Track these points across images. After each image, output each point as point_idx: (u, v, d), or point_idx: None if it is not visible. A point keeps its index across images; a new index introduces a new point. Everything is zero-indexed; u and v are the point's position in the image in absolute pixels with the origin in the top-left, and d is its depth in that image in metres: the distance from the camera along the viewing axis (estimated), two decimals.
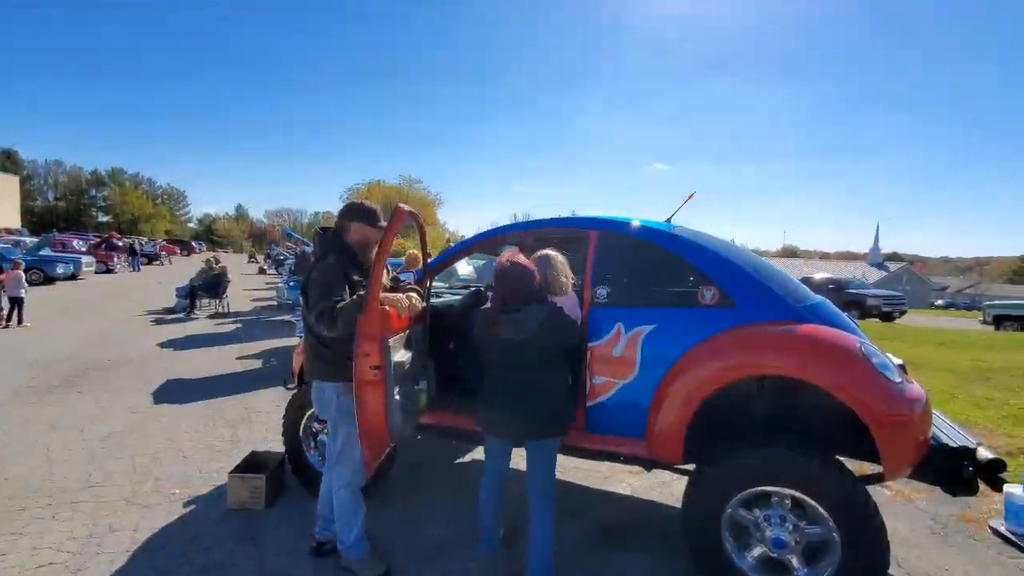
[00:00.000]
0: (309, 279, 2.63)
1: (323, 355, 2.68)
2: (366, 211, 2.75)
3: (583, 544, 3.09)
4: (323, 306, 2.51)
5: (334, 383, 2.68)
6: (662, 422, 2.68)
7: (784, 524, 2.43)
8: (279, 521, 3.24)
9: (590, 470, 4.09)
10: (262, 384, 6.35)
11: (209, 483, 3.73)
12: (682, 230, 3.08)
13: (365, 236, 2.74)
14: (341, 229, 2.75)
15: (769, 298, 2.67)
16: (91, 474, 3.82)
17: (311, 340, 2.72)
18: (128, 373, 6.68)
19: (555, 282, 2.83)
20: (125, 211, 65.64)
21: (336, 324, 2.50)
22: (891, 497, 3.75)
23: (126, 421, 4.93)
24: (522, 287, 2.51)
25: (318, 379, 2.73)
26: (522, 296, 2.51)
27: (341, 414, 2.69)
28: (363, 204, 2.79)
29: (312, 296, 2.57)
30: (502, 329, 2.49)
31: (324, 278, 2.56)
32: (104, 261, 22.60)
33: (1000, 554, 3.08)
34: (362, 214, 2.74)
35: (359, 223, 2.73)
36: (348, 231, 2.74)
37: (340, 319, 2.49)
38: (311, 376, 2.77)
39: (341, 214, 2.79)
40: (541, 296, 2.58)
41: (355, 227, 2.73)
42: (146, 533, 3.08)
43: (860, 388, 2.31)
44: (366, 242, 2.76)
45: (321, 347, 2.68)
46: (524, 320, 2.47)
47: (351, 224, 2.73)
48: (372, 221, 2.74)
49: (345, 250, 2.71)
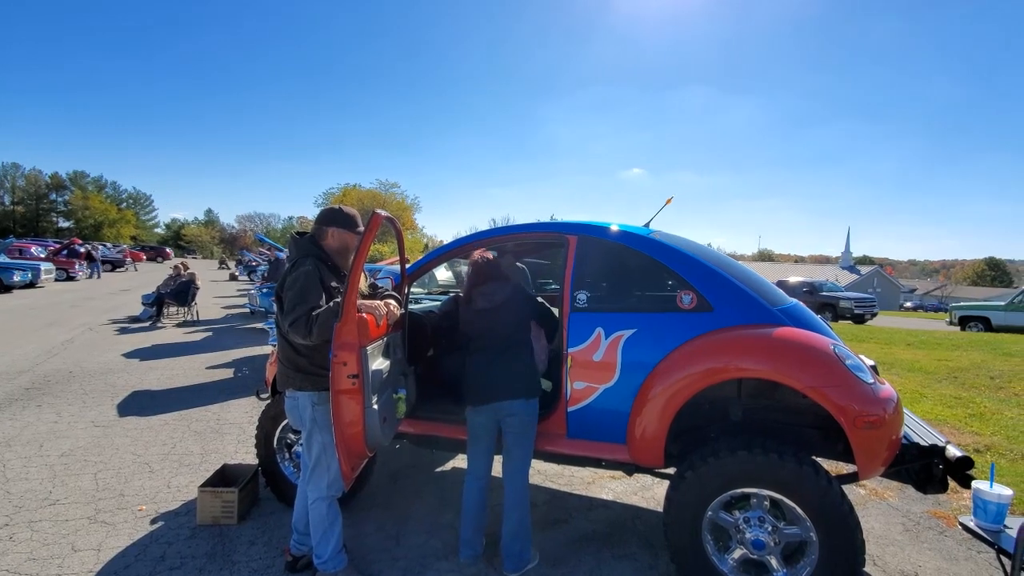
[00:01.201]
0: (284, 285, 2.55)
1: (298, 364, 2.60)
2: (345, 216, 2.70)
3: (567, 550, 3.07)
4: (298, 313, 2.44)
5: (309, 392, 2.61)
6: (643, 427, 2.70)
7: (763, 525, 2.46)
8: (253, 537, 3.14)
9: (573, 476, 4.09)
10: (233, 394, 6.18)
11: (178, 498, 3.60)
12: (661, 235, 3.11)
13: (344, 242, 2.69)
14: (318, 234, 2.68)
15: (746, 302, 2.71)
16: (51, 491, 3.64)
17: (285, 348, 2.64)
18: (91, 385, 6.42)
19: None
20: (87, 216, 63.41)
21: (312, 332, 2.43)
22: (865, 496, 3.84)
23: (89, 435, 4.73)
24: (490, 269, 3.00)
25: (292, 388, 2.65)
26: (491, 275, 2.97)
27: (316, 424, 2.62)
28: (342, 209, 2.72)
29: (287, 302, 2.49)
30: (477, 301, 2.92)
31: (300, 284, 2.49)
32: (65, 268, 21.77)
33: (970, 549, 3.18)
34: (342, 219, 2.68)
35: (338, 228, 2.67)
36: (326, 236, 2.68)
37: (316, 326, 2.43)
38: (285, 385, 2.68)
39: (319, 219, 2.72)
40: (504, 276, 3.03)
41: (334, 232, 2.67)
42: (110, 553, 2.95)
43: (834, 389, 2.36)
44: (345, 248, 2.70)
45: (296, 355, 2.60)
46: (494, 291, 2.91)
47: (329, 229, 2.67)
48: (352, 226, 2.69)
49: (322, 256, 2.64)
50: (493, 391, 2.81)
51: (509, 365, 2.86)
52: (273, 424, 3.40)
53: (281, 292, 2.55)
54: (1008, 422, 5.49)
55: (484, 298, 2.93)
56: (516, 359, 2.88)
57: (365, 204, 39.97)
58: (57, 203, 67.07)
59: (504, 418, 2.82)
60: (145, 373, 7.11)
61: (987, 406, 6.11)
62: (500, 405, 2.80)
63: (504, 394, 2.80)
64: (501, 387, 2.81)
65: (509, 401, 2.79)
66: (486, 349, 2.91)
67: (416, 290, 5.48)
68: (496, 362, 2.86)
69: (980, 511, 2.35)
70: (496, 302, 2.91)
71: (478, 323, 2.94)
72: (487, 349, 2.90)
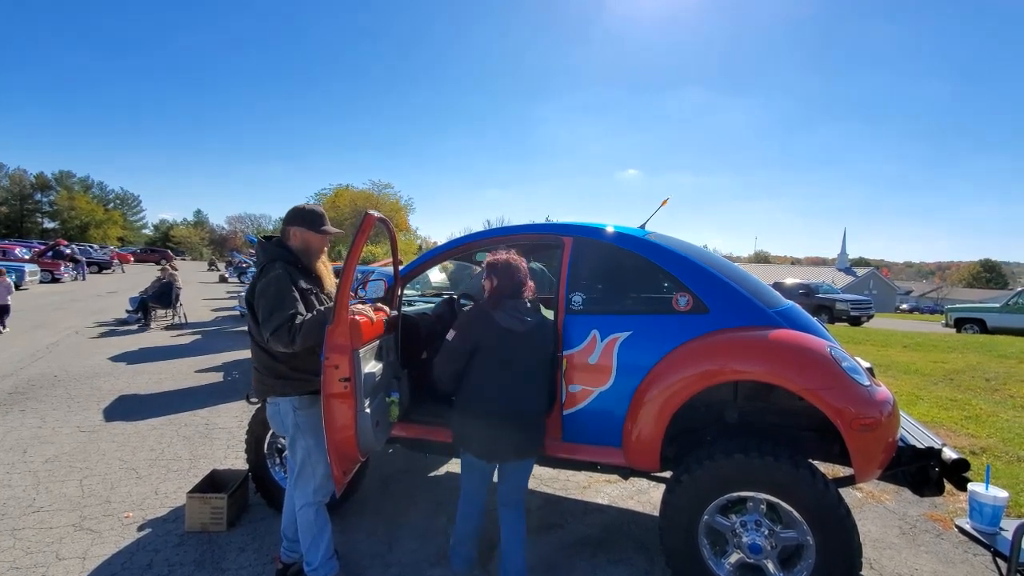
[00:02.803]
0: (255, 291, 2.45)
1: (276, 370, 2.53)
2: (307, 215, 2.58)
3: (562, 555, 3.05)
4: (278, 321, 2.34)
5: (290, 397, 2.55)
6: (638, 430, 2.67)
7: (760, 529, 2.45)
8: (243, 544, 3.09)
9: (568, 480, 4.07)
10: (223, 398, 6.09)
11: (165, 505, 3.53)
12: (657, 236, 3.10)
13: (306, 241, 2.59)
14: (283, 234, 2.61)
15: (742, 304, 2.70)
16: (35, 498, 3.56)
17: (261, 356, 2.55)
18: (76, 389, 6.31)
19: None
20: (73, 217, 62.56)
21: (295, 340, 2.35)
22: (862, 499, 3.85)
23: (74, 441, 4.64)
24: (524, 279, 2.57)
25: (272, 395, 2.58)
26: (523, 289, 2.56)
27: (299, 429, 2.56)
28: (305, 207, 2.61)
29: (261, 311, 2.39)
30: (503, 317, 2.45)
31: (272, 290, 2.39)
32: (50, 270, 21.43)
33: (966, 552, 3.19)
34: (303, 218, 2.58)
35: (299, 228, 2.57)
36: (290, 236, 2.59)
37: (299, 335, 2.35)
38: (264, 393, 2.61)
39: (284, 219, 2.64)
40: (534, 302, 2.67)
41: (296, 232, 2.58)
42: (96, 561, 2.89)
43: (831, 392, 2.35)
44: (308, 248, 2.60)
45: (273, 362, 2.52)
46: (526, 312, 2.51)
47: (291, 229, 2.58)
48: (313, 225, 2.58)
49: (290, 258, 2.55)
50: (505, 451, 2.53)
51: (530, 419, 2.54)
52: (263, 428, 3.35)
53: (252, 299, 2.45)
54: (1004, 424, 5.54)
55: (513, 316, 2.48)
56: (539, 410, 2.59)
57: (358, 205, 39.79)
58: (42, 203, 66.09)
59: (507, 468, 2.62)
60: (132, 377, 7.00)
61: (983, 408, 6.15)
62: (509, 464, 2.59)
63: (516, 454, 2.55)
64: (516, 446, 2.52)
65: (523, 461, 2.59)
66: (505, 390, 2.47)
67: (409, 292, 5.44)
68: (515, 411, 2.49)
69: (976, 513, 2.35)
70: (528, 326, 2.50)
71: (500, 348, 2.46)
72: (507, 391, 2.48)
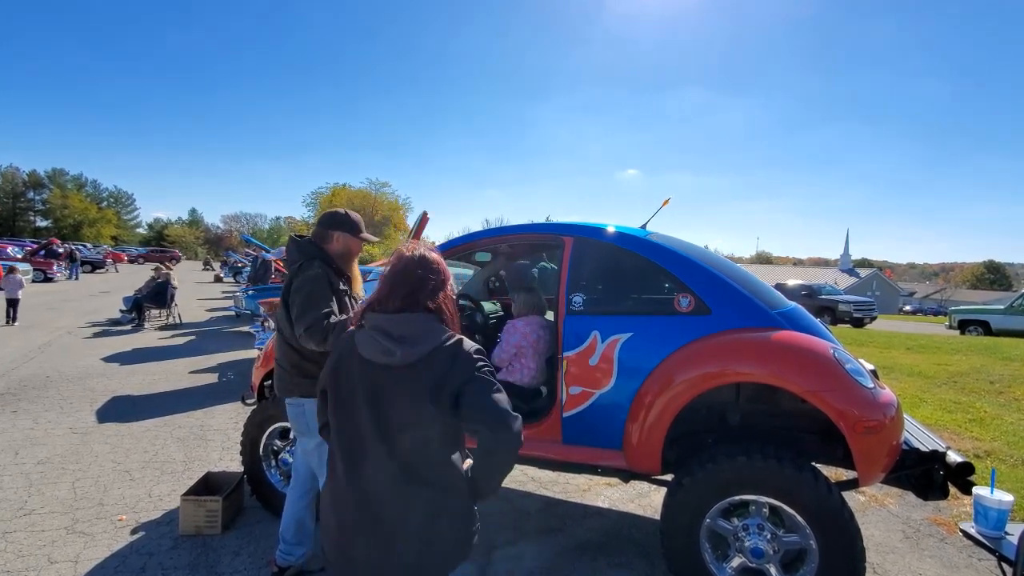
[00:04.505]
0: (291, 289, 2.47)
1: (305, 370, 2.53)
2: (352, 221, 2.66)
3: (562, 560, 3.02)
4: (312, 319, 2.36)
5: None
6: (639, 432, 2.65)
7: (762, 533, 2.43)
8: (238, 547, 3.04)
9: (568, 483, 4.04)
10: (218, 400, 6.04)
11: (159, 507, 3.49)
12: (658, 237, 3.08)
13: (347, 246, 2.65)
14: (322, 237, 2.63)
15: (744, 305, 2.68)
16: (27, 501, 3.51)
17: (289, 353, 2.56)
18: (69, 390, 6.24)
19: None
20: (66, 215, 62.08)
21: (327, 338, 2.37)
22: (865, 503, 3.83)
23: (67, 442, 4.58)
24: (419, 281, 1.52)
25: (299, 395, 2.57)
26: (418, 294, 1.51)
27: None
28: (347, 213, 2.69)
29: (297, 307, 2.40)
30: (363, 339, 1.48)
31: (308, 288, 2.42)
32: (43, 269, 21.27)
33: (971, 556, 3.17)
34: (348, 224, 2.65)
35: (343, 233, 2.63)
36: (330, 240, 2.63)
37: (332, 333, 2.37)
38: (288, 392, 2.60)
39: (324, 222, 2.67)
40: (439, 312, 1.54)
41: (339, 236, 2.63)
42: (88, 564, 2.84)
43: (834, 394, 2.33)
44: (348, 252, 2.66)
45: (302, 360, 2.53)
46: (400, 331, 1.45)
47: (335, 233, 2.62)
48: (355, 231, 2.66)
49: (326, 259, 2.58)
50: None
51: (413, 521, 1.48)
52: (259, 431, 3.31)
53: (288, 296, 2.47)
54: (1008, 427, 5.53)
55: (376, 339, 1.50)
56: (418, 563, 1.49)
57: (355, 204, 39.67)
58: (35, 202, 65.60)
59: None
60: (126, 378, 6.93)
61: (987, 411, 6.13)
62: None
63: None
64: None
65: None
66: (342, 498, 1.49)
67: None
68: (347, 559, 1.50)
69: (981, 517, 2.34)
70: (403, 356, 1.51)
71: (346, 396, 1.50)
72: (342, 500, 1.49)
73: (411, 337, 1.44)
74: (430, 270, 1.55)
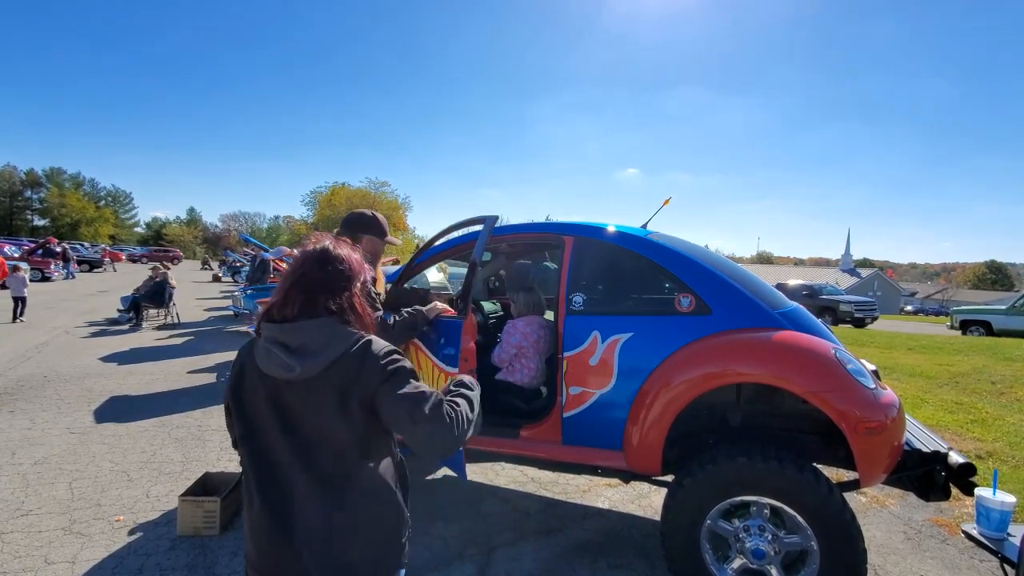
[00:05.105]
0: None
1: None
2: (379, 225, 2.69)
3: (562, 561, 3.00)
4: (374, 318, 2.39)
5: None
6: (640, 433, 2.64)
7: (763, 534, 2.42)
8: (235, 548, 3.03)
9: (568, 483, 4.03)
10: (216, 400, 6.01)
11: (157, 508, 3.47)
12: (659, 236, 3.07)
13: (375, 249, 2.69)
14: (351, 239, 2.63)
15: (745, 305, 2.67)
16: (24, 501, 3.49)
17: None
18: (66, 390, 6.21)
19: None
20: (64, 214, 61.94)
21: (395, 337, 2.46)
22: (866, 503, 3.83)
23: (64, 443, 4.56)
24: (317, 279, 1.35)
25: None
26: (307, 303, 1.33)
27: None
28: (376, 216, 2.72)
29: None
30: (260, 350, 1.33)
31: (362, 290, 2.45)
32: (40, 268, 21.19)
33: (973, 557, 3.17)
34: (376, 227, 2.67)
35: (372, 236, 2.66)
36: (359, 242, 2.62)
37: (394, 335, 2.46)
38: None
39: (352, 225, 2.67)
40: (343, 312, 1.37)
41: (367, 239, 2.65)
42: (86, 565, 2.83)
43: (835, 394, 2.32)
44: (375, 255, 2.70)
45: None
46: (299, 339, 1.30)
47: (363, 236, 2.64)
48: (382, 234, 2.70)
49: None
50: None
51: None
52: None
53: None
54: (1010, 428, 5.51)
55: (273, 351, 1.34)
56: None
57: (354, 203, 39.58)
58: (32, 200, 65.48)
59: None
60: (123, 378, 6.91)
61: (989, 411, 6.12)
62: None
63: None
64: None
65: None
66: (256, 520, 1.37)
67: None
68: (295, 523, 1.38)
69: (983, 519, 2.33)
70: (302, 371, 1.36)
71: (249, 414, 1.38)
72: (258, 521, 1.39)
73: (312, 347, 1.27)
74: (332, 266, 1.36)
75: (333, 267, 1.36)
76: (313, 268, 1.35)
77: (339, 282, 1.36)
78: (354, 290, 1.39)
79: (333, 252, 1.38)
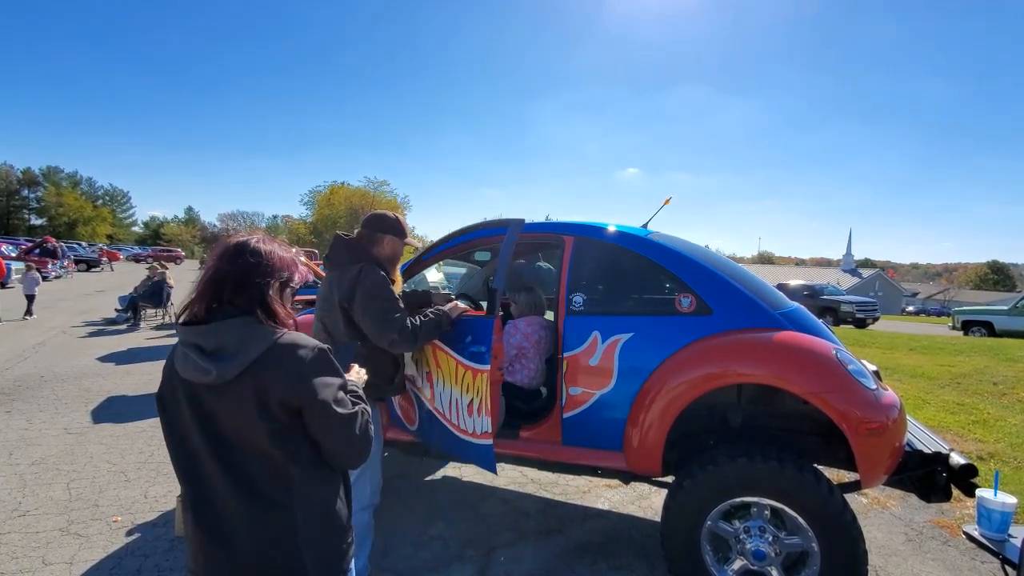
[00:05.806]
0: (356, 294, 2.39)
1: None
2: (400, 226, 2.68)
3: (562, 562, 3.00)
4: (401, 322, 2.39)
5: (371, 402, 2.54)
6: (640, 433, 2.63)
7: (764, 535, 2.41)
8: None
9: (567, 484, 4.02)
10: None
11: (156, 509, 3.45)
12: (659, 236, 3.06)
13: (395, 251, 2.67)
14: (371, 240, 2.62)
15: (746, 305, 2.66)
16: (21, 502, 3.47)
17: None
18: (64, 390, 6.19)
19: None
20: (61, 213, 61.82)
21: (418, 340, 2.44)
22: (867, 505, 3.82)
23: (61, 443, 4.54)
24: (230, 273, 1.28)
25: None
26: (218, 301, 1.28)
27: None
28: (397, 218, 2.70)
29: (380, 312, 2.36)
30: (179, 353, 1.28)
31: (386, 291, 2.41)
32: (37, 267, 21.10)
33: (974, 559, 3.16)
34: (397, 229, 2.66)
35: (394, 237, 2.63)
36: (380, 243, 2.61)
37: (420, 335, 2.44)
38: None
39: (374, 226, 2.63)
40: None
41: (388, 240, 2.62)
42: (83, 566, 2.81)
43: (836, 395, 2.32)
44: (395, 256, 2.69)
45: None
46: (215, 340, 1.24)
47: (385, 237, 2.62)
48: (403, 236, 2.68)
49: (376, 262, 2.57)
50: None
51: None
52: None
53: (350, 302, 2.39)
54: (1012, 429, 5.50)
55: (189, 356, 1.27)
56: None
57: (353, 203, 39.57)
58: (29, 200, 65.38)
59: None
60: (121, 378, 6.88)
61: (990, 412, 6.11)
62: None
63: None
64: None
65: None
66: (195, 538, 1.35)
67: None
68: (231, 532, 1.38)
69: (984, 520, 2.32)
70: (219, 374, 1.29)
71: (176, 422, 1.36)
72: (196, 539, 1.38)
73: (228, 349, 1.20)
74: (244, 259, 1.27)
75: (245, 259, 1.27)
76: (225, 262, 1.27)
77: (251, 276, 1.27)
78: (270, 286, 1.29)
79: (251, 245, 1.29)
